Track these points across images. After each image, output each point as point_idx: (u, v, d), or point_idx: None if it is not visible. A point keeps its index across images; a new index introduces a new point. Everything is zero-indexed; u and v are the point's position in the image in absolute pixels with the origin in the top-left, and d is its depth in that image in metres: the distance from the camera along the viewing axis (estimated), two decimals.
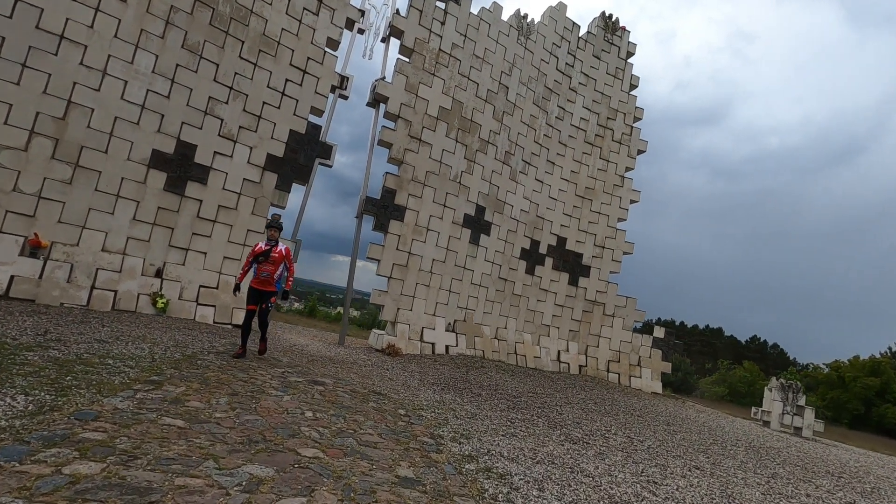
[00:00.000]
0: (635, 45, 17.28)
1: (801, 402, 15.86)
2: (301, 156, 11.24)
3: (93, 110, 8.81)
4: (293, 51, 11.11)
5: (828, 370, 41.83)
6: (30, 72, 8.25)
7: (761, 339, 71.65)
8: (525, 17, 14.81)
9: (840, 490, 6.97)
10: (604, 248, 16.45)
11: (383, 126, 12.22)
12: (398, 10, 12.56)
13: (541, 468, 4.62)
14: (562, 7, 15.82)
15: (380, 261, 12.03)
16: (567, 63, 15.85)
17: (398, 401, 6.39)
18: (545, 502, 3.72)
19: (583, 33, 16.51)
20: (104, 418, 3.42)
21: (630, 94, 17.22)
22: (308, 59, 11.32)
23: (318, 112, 11.60)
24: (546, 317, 15.47)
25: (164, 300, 9.39)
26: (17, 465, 2.53)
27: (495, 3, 14.24)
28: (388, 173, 12.25)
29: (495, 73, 14.03)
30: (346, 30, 12.02)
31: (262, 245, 6.82)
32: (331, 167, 11.85)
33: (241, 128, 10.47)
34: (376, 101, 12.31)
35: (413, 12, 12.58)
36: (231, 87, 10.34)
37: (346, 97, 12.07)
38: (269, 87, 10.80)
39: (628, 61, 17.24)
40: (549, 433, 6.50)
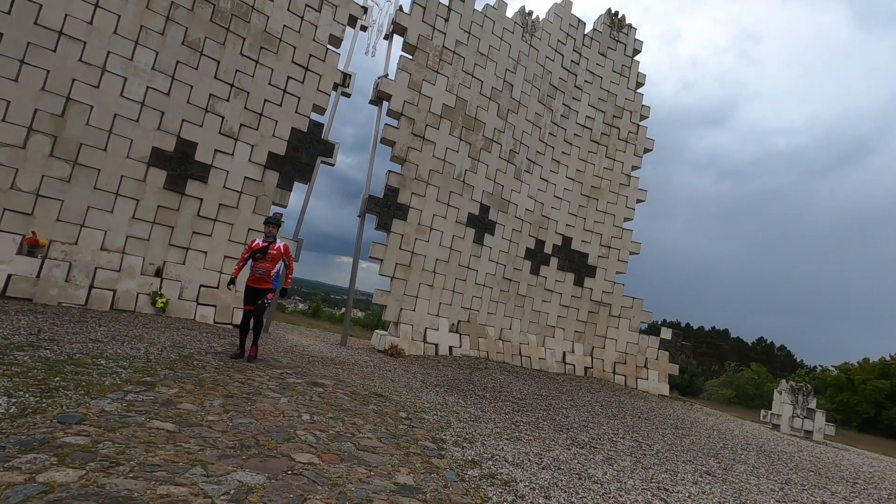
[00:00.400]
0: (641, 43, 17.06)
1: (812, 405, 15.57)
2: (303, 154, 11.10)
3: (92, 107, 8.71)
4: (295, 48, 10.98)
5: (836, 372, 41.28)
6: (28, 68, 8.16)
7: (768, 341, 71.02)
8: (530, 13, 14.63)
9: (856, 497, 6.73)
10: (610, 247, 16.22)
11: (386, 124, 12.08)
12: (401, 7, 12.42)
13: (547, 474, 4.44)
14: (567, 4, 15.63)
15: (382, 260, 11.87)
16: (572, 60, 15.65)
17: (399, 403, 6.21)
18: None
19: (588, 30, 16.30)
20: (89, 421, 3.27)
21: (636, 91, 16.99)
22: (310, 56, 11.18)
23: (321, 110, 11.47)
24: (551, 317, 15.25)
25: (164, 300, 9.27)
26: None
27: None
28: (390, 172, 12.09)
29: (500, 70, 13.85)
30: (348, 27, 11.88)
31: (259, 242, 6.60)
32: (333, 165, 11.70)
33: (242, 125, 10.35)
34: (379, 98, 12.16)
35: (416, 9, 12.42)
36: (232, 85, 10.22)
37: (348, 95, 11.93)
38: (270, 84, 10.67)
39: (634, 59, 17.01)
40: (555, 437, 6.30)
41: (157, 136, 9.39)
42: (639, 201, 16.73)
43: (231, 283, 6.55)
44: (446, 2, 12.94)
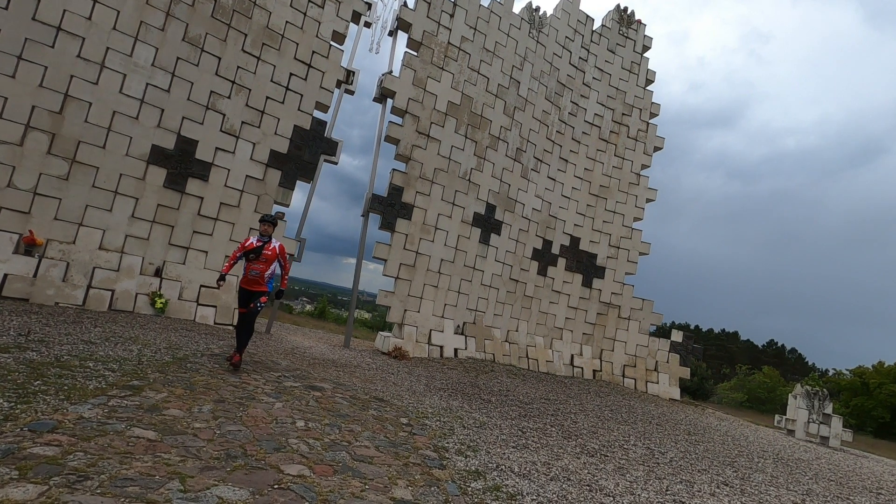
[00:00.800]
0: (651, 39, 16.71)
1: (828, 410, 15.11)
2: (306, 152, 10.90)
3: (90, 104, 8.56)
4: (298, 44, 10.79)
5: (850, 376, 40.46)
6: (25, 64, 8.02)
7: (779, 344, 69.90)
8: (537, 9, 14.36)
9: None
10: (619, 248, 15.88)
11: (390, 122, 11.86)
12: (406, 3, 12.20)
13: (555, 486, 4.16)
14: (575, 0, 15.33)
15: (386, 260, 11.64)
16: (580, 57, 15.35)
17: (401, 408, 5.96)
18: None
19: (597, 27, 15.99)
20: (63, 429, 3.05)
21: (646, 89, 16.64)
22: (313, 52, 10.99)
23: (324, 107, 11.27)
24: (559, 319, 14.94)
25: (163, 300, 9.09)
26: None
27: None
28: (395, 170, 11.86)
29: (506, 67, 13.59)
30: (352, 23, 11.68)
31: (253, 241, 6.19)
32: (336, 164, 11.50)
33: (243, 123, 10.17)
34: (383, 95, 11.94)
35: (421, 4, 12.20)
36: (233, 82, 10.04)
37: (352, 92, 11.72)
38: (272, 81, 10.49)
39: (644, 55, 16.67)
40: (564, 444, 6.02)
41: (157, 134, 9.23)
42: (648, 201, 16.38)
43: (221, 279, 6.07)
44: None
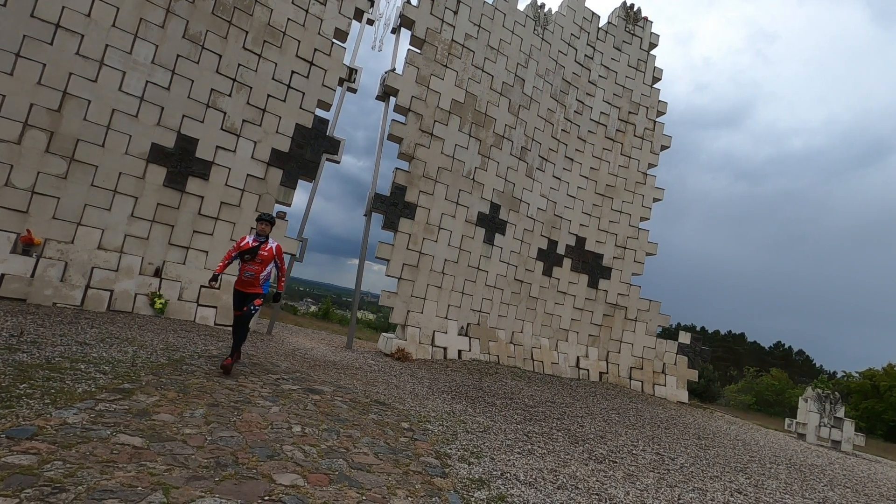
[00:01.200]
0: (658, 37, 16.48)
1: (840, 413, 14.80)
2: (307, 151, 10.76)
3: (89, 102, 8.45)
4: (299, 42, 10.65)
5: (860, 378, 39.87)
6: (24, 62, 7.92)
7: (786, 346, 69.16)
8: (542, 6, 14.17)
9: None
10: (625, 248, 15.64)
11: (393, 120, 11.69)
12: (409, 0, 12.04)
13: (563, 495, 3.97)
14: None
15: (389, 261, 11.47)
16: (586, 55, 15.15)
17: (402, 412, 5.78)
18: None
19: (603, 24, 15.78)
20: (43, 436, 2.89)
21: (653, 87, 16.41)
22: (315, 50, 10.85)
23: (326, 106, 11.13)
24: (564, 321, 14.72)
25: (163, 300, 8.97)
26: None
27: None
28: (398, 169, 11.70)
29: (511, 64, 13.41)
30: (354, 20, 11.53)
31: (249, 240, 5.88)
32: (338, 163, 11.35)
33: (244, 121, 10.04)
34: (386, 93, 11.79)
35: (424, 1, 12.05)
36: (234, 79, 9.92)
37: (354, 90, 11.57)
38: (274, 79, 10.35)
39: (651, 53, 16.44)
40: (571, 450, 5.82)
41: (156, 132, 9.11)
42: (655, 200, 16.14)
43: (213, 279, 5.80)
44: None
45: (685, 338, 15.82)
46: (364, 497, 3.03)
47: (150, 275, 9.07)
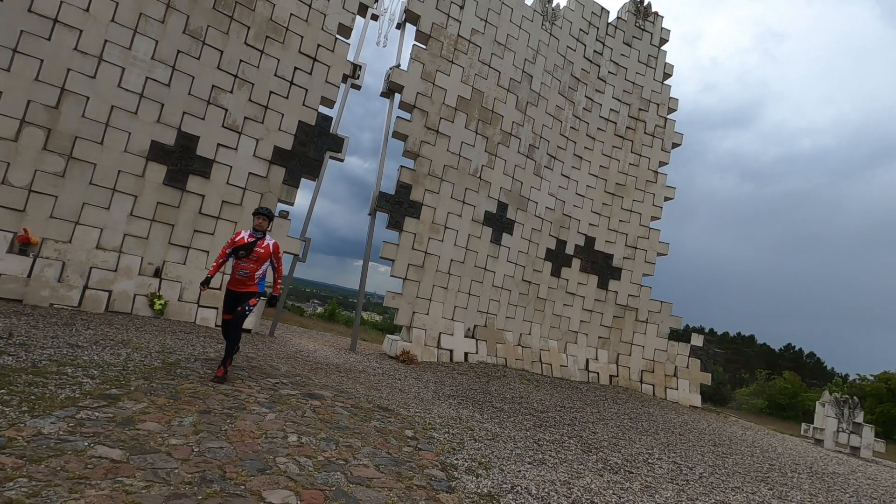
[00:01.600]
0: (668, 32, 16.11)
1: (859, 418, 14.35)
2: (310, 149, 10.53)
3: (88, 99, 8.27)
4: (302, 37, 10.43)
5: (875, 381, 39.05)
6: (21, 57, 7.75)
7: (796, 348, 68.05)
8: (550, 1, 13.87)
9: None
10: (636, 248, 15.28)
11: (398, 117, 11.44)
12: None
13: None
14: None
15: (394, 261, 11.21)
16: (595, 51, 14.82)
17: (406, 418, 5.51)
18: None
19: (612, 19, 15.46)
20: (13, 448, 2.65)
21: (663, 83, 16.05)
22: (318, 46, 10.63)
23: (329, 103, 10.89)
24: (573, 322, 14.38)
25: (163, 301, 8.76)
26: None
27: None
28: (402, 167, 11.44)
29: (518, 60, 13.11)
30: (358, 16, 11.30)
31: (245, 236, 5.47)
32: (342, 161, 11.11)
33: (246, 118, 9.83)
34: (391, 90, 11.54)
35: None
36: (236, 76, 9.71)
37: (358, 87, 11.34)
38: (276, 75, 10.14)
39: (661, 48, 16.08)
40: (584, 459, 5.52)
41: (156, 130, 8.92)
42: (667, 199, 15.76)
43: (205, 283, 5.40)
44: None
45: (698, 340, 15.42)
46: None
47: (150, 275, 8.87)
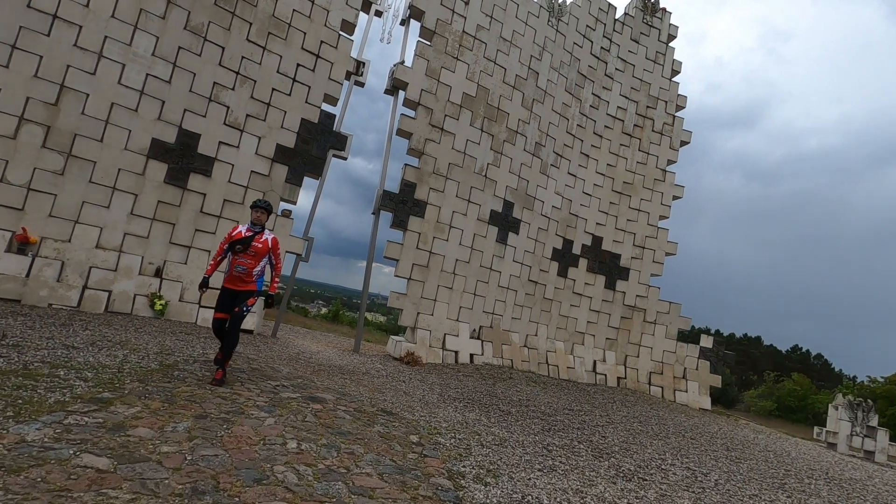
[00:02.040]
0: (677, 28, 15.87)
1: (873, 422, 14.02)
2: (313, 147, 10.38)
3: (87, 96, 8.14)
4: (305, 34, 10.28)
5: (885, 383, 38.50)
6: (20, 54, 7.63)
7: (803, 349, 67.30)
8: None
9: None
10: (644, 248, 15.03)
11: (402, 114, 11.26)
12: None
13: None
14: None
15: (398, 261, 11.03)
16: (602, 47, 14.60)
17: (411, 422, 5.32)
18: None
19: (619, 15, 15.22)
20: None
21: (671, 80, 15.80)
22: (321, 42, 10.47)
23: (333, 100, 10.74)
24: (580, 323, 14.15)
25: (163, 302, 8.62)
26: None
27: None
28: (407, 165, 11.26)
29: (524, 57, 12.91)
30: (362, 12, 11.14)
31: (242, 230, 5.19)
32: (345, 159, 10.95)
33: (248, 116, 9.68)
34: (395, 87, 11.37)
35: None
36: (238, 73, 9.57)
37: (362, 84, 11.18)
38: (278, 72, 9.99)
39: (669, 45, 15.83)
40: (596, 465, 5.31)
41: (157, 127, 8.78)
42: (675, 198, 15.51)
43: (204, 285, 5.18)
44: None
45: (707, 341, 15.15)
46: None
47: (151, 275, 8.73)
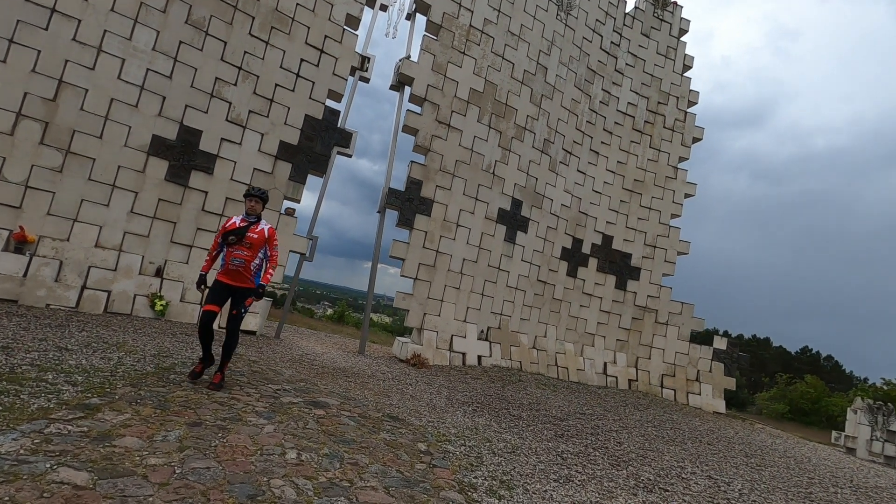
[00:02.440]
0: (688, 22, 15.52)
1: (894, 426, 13.61)
2: (318, 144, 10.15)
3: (86, 91, 7.94)
4: (309, 28, 10.06)
5: None
6: (17, 48, 7.45)
7: (813, 351, 66.27)
8: None
9: None
10: (655, 247, 14.68)
11: (408, 110, 11.01)
12: None
13: None
14: None
15: (404, 260, 10.77)
16: (612, 42, 14.28)
17: (419, 429, 5.05)
18: None
19: (629, 9, 14.90)
20: None
21: (683, 76, 15.45)
22: (325, 37, 10.25)
23: (337, 96, 10.51)
24: (590, 324, 13.83)
25: (164, 302, 8.41)
26: None
27: None
28: (413, 162, 11.01)
29: (532, 52, 12.63)
30: (367, 6, 10.90)
31: (236, 220, 4.84)
32: (350, 157, 10.72)
33: (251, 112, 9.47)
34: (401, 83, 11.12)
35: None
36: (240, 68, 9.36)
37: (367, 80, 10.94)
38: (282, 67, 9.77)
39: (681, 39, 15.49)
40: (614, 475, 5.02)
41: (157, 123, 8.58)
42: (687, 196, 15.15)
43: (201, 283, 4.85)
44: None
45: (720, 343, 14.77)
46: None
47: (151, 275, 8.52)
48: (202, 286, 4.87)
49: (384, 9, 11.27)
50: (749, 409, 33.34)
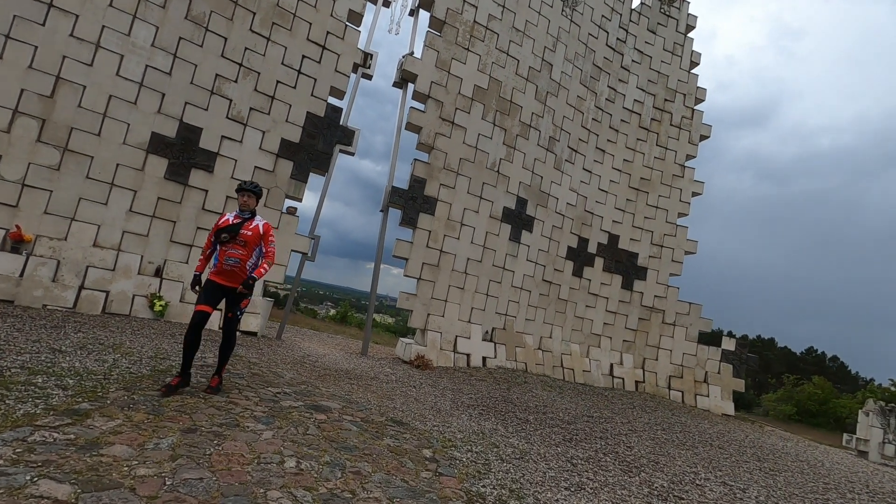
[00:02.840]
0: (696, 18, 15.29)
1: None
2: (319, 141, 9.99)
3: (84, 88, 7.80)
4: (311, 24, 9.90)
5: None
6: (14, 44, 7.31)
7: (818, 351, 65.70)
8: None
9: None
10: (662, 246, 14.46)
11: (412, 108, 10.84)
12: None
13: None
14: None
15: (407, 259, 10.59)
16: (618, 38, 14.07)
17: (423, 433, 4.87)
18: None
19: (636, 5, 14.69)
20: None
21: (690, 72, 15.22)
22: (327, 33, 10.09)
23: (339, 94, 10.34)
24: (596, 325, 13.62)
25: (163, 302, 8.26)
26: None
27: None
28: (416, 160, 10.83)
29: (537, 48, 12.43)
30: (369, 2, 10.74)
31: (229, 217, 4.60)
32: (353, 154, 10.55)
33: (252, 109, 9.31)
34: (404, 79, 10.95)
35: None
36: (241, 64, 9.20)
37: (369, 76, 10.77)
38: (283, 64, 9.61)
39: (688, 36, 15.26)
40: (626, 481, 4.82)
41: (157, 121, 8.43)
42: (695, 195, 14.91)
43: (196, 283, 4.58)
44: None
45: (729, 344, 14.53)
46: None
47: (150, 274, 8.37)
48: (197, 287, 4.62)
49: (387, 4, 11.11)
50: (756, 411, 33.02)
